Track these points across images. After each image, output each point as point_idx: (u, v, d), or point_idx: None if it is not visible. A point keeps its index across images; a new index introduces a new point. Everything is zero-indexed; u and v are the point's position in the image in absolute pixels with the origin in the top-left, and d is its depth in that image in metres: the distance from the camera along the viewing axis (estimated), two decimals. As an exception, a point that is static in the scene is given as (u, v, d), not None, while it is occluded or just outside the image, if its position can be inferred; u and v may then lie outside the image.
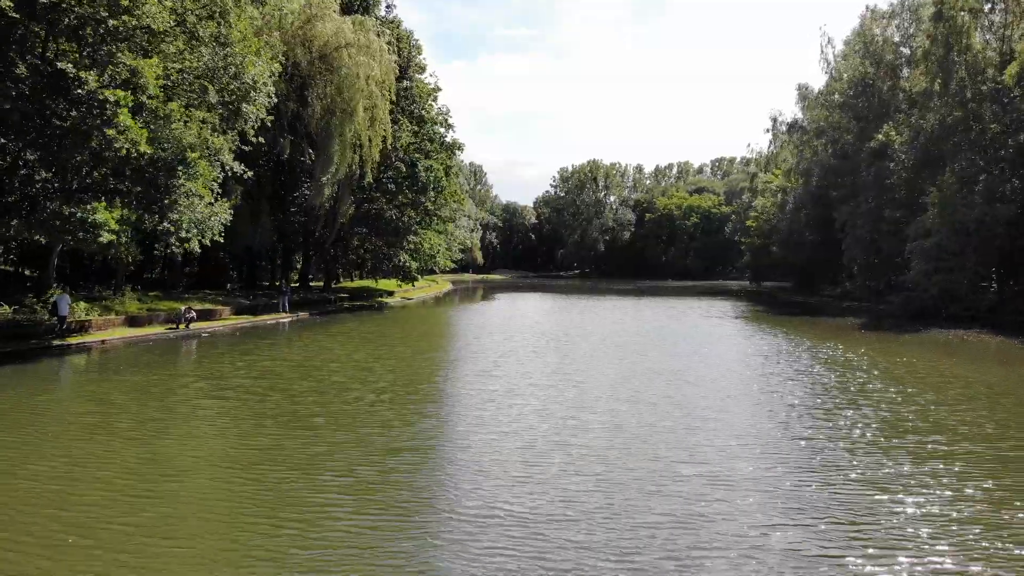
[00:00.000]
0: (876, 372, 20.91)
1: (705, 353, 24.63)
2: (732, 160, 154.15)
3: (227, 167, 32.59)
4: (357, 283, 66.04)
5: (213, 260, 54.46)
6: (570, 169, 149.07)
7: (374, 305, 49.35)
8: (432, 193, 47.25)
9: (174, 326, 31.34)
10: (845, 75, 62.11)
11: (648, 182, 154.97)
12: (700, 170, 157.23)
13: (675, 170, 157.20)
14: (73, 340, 25.90)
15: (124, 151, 23.15)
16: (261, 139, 41.21)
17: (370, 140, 41.96)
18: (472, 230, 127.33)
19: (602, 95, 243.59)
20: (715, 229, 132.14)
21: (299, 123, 42.38)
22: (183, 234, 27.49)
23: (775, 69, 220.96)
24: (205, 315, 35.39)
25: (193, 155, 27.28)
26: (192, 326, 31.60)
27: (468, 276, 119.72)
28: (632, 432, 13.00)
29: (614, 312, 44.84)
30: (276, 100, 34.00)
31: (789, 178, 70.09)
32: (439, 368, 20.71)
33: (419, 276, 55.99)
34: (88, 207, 25.19)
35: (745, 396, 16.74)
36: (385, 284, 61.90)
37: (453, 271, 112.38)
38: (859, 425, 13.85)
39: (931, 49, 49.62)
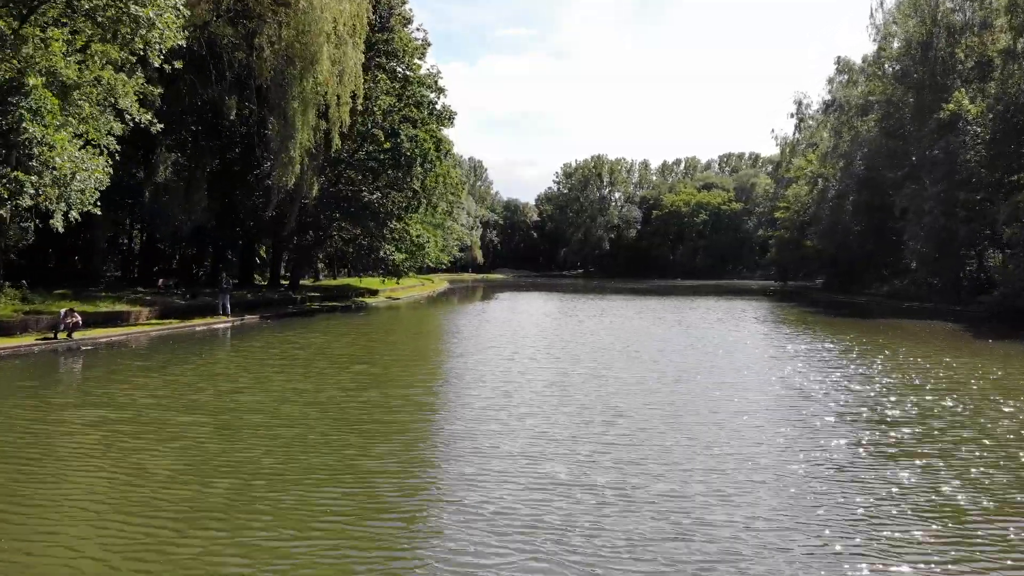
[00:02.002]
0: None
1: (824, 386, 14.84)
2: (740, 156, 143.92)
3: (129, 115, 23.29)
4: (340, 281, 56.17)
5: (169, 252, 44.90)
6: (573, 165, 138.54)
7: (350, 306, 39.51)
8: (419, 170, 37.33)
9: (51, 335, 21.69)
10: (896, 43, 52.22)
11: (654, 178, 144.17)
12: (708, 166, 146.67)
13: (682, 166, 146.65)
14: None
15: None
16: (196, 87, 31.74)
17: (338, 99, 32.12)
18: (472, 228, 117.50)
19: (602, 95, 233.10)
20: (725, 226, 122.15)
21: (251, 79, 32.58)
22: (26, 200, 17.66)
23: (776, 68, 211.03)
24: (111, 319, 25.84)
25: (35, 81, 17.56)
26: (79, 335, 21.96)
27: (467, 275, 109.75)
28: None
29: (642, 316, 34.93)
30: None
31: (825, 163, 60.08)
32: (382, 422, 10.86)
33: (407, 272, 46.00)
34: None
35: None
36: (369, 282, 52.11)
37: (452, 270, 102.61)
38: None
39: (1016, -1, 39.85)
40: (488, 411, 11.67)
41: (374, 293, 48.40)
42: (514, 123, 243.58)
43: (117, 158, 23.23)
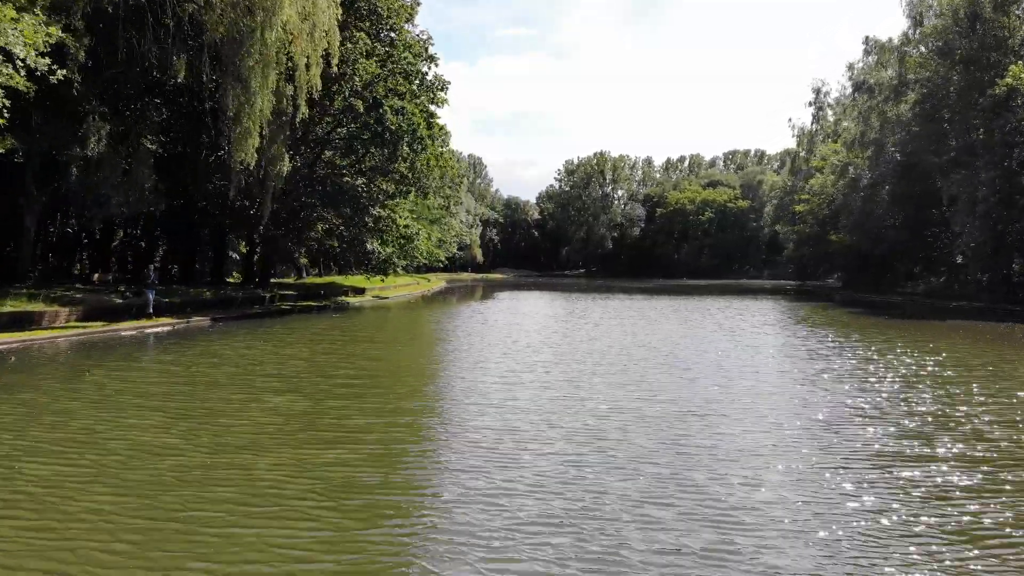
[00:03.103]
0: None
1: (1002, 425, 9.30)
2: (746, 153, 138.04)
3: (20, 60, 17.96)
4: (325, 279, 50.54)
5: (145, 247, 39.26)
6: (575, 162, 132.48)
7: (327, 306, 33.90)
8: (407, 150, 31.72)
9: (-83, 343, 16.25)
10: (933, 17, 46.62)
11: (658, 176, 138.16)
12: (712, 163, 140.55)
13: (686, 163, 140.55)
14: None
15: None
16: (135, 44, 26.19)
17: (308, 59, 26.60)
18: (471, 226, 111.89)
19: (602, 95, 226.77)
20: (731, 224, 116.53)
21: (202, 35, 26.99)
22: None
23: (777, 68, 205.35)
24: (17, 322, 20.57)
25: None
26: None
27: (466, 275, 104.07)
28: None
29: (668, 319, 29.31)
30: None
31: (851, 150, 54.43)
32: (259, 539, 5.28)
33: (396, 268, 40.22)
34: None
35: None
36: (356, 280, 46.57)
37: (451, 269, 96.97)
38: None
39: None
40: (475, 500, 6.06)
41: (360, 292, 42.80)
42: (514, 123, 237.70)
43: (6, 115, 17.86)
